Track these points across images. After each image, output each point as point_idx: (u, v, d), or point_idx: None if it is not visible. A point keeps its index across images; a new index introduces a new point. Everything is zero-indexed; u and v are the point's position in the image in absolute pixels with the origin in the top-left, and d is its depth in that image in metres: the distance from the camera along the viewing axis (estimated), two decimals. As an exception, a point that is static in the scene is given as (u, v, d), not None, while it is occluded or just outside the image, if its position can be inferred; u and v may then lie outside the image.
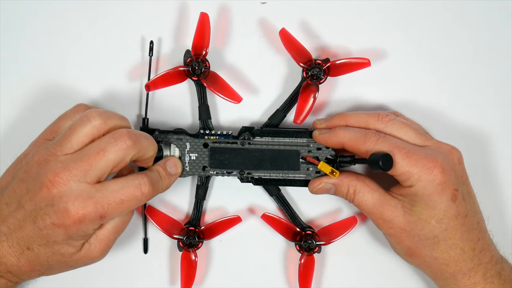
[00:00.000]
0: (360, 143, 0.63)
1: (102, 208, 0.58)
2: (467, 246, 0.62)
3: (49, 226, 0.58)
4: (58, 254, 0.60)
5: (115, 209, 0.58)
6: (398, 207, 0.63)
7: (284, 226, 0.68)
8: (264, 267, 0.71)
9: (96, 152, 0.58)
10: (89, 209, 0.58)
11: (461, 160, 0.63)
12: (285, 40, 0.67)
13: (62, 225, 0.58)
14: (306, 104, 0.67)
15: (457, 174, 0.62)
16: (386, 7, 0.70)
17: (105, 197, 0.58)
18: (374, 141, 0.62)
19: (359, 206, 0.65)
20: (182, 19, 0.69)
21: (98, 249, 0.62)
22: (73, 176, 0.58)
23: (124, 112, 0.68)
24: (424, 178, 0.61)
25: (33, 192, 0.58)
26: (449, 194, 0.61)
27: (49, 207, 0.58)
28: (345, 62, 0.67)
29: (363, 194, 0.64)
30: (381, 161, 0.59)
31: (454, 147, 0.64)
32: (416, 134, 0.64)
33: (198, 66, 0.66)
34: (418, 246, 0.62)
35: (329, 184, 0.65)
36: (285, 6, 0.70)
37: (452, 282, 0.63)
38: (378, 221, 0.64)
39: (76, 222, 0.58)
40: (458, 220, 0.62)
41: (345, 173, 0.65)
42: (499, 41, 0.70)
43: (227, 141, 0.67)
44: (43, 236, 0.59)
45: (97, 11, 0.70)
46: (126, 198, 0.59)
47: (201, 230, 0.68)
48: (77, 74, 0.70)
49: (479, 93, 0.70)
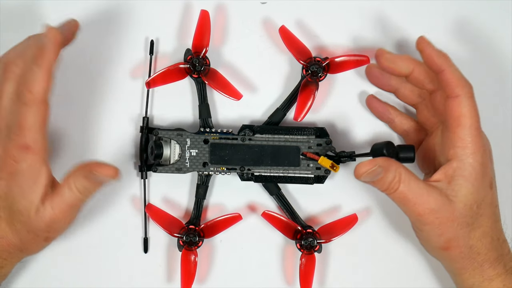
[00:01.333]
0: (461, 84, 0.60)
1: (17, 141, 0.57)
2: (495, 235, 0.62)
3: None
4: (18, 214, 0.59)
5: (24, 135, 0.57)
6: (443, 195, 0.60)
7: (285, 224, 0.68)
8: (264, 266, 0.70)
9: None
10: (10, 147, 0.58)
11: (492, 152, 0.64)
12: (284, 37, 0.68)
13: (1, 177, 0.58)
14: (306, 101, 0.68)
15: (493, 164, 0.63)
16: (386, 6, 0.71)
17: (12, 132, 0.58)
18: (470, 92, 0.60)
19: (403, 196, 0.59)
20: (184, 18, 0.70)
21: (50, 216, 0.59)
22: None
23: (125, 111, 0.69)
24: (475, 157, 0.59)
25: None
26: (488, 180, 0.61)
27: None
28: (345, 59, 0.68)
29: (409, 183, 0.59)
30: (385, 149, 0.59)
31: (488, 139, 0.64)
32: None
33: (199, 63, 0.66)
34: (458, 236, 0.61)
35: (380, 168, 0.58)
36: (285, 6, 0.70)
37: (478, 273, 0.62)
38: (424, 211, 0.59)
39: (13, 164, 0.57)
40: (491, 208, 0.62)
41: (391, 159, 0.60)
42: (499, 40, 0.71)
43: (228, 137, 0.67)
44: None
45: (98, 11, 0.70)
46: (21, 120, 0.57)
47: (201, 229, 0.68)
48: (78, 73, 0.70)
49: (479, 92, 0.71)
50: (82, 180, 0.59)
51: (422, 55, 0.62)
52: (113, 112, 0.70)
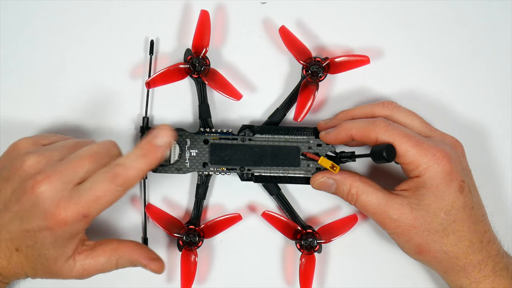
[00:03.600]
0: (370, 130, 0.62)
1: (83, 208, 0.56)
2: (475, 238, 0.62)
3: (35, 228, 0.57)
4: (44, 258, 0.59)
5: (94, 206, 0.57)
6: (404, 204, 0.62)
7: (285, 224, 0.68)
8: (264, 266, 0.70)
9: (87, 158, 0.58)
10: (70, 211, 0.56)
11: (464, 153, 0.64)
12: (284, 37, 0.68)
13: (48, 227, 0.57)
14: (306, 102, 0.68)
15: (463, 166, 0.62)
16: (385, 6, 0.71)
17: (81, 198, 0.56)
18: (384, 127, 0.61)
19: (363, 207, 0.63)
20: (184, 18, 0.70)
21: (78, 272, 0.60)
22: (60, 177, 0.57)
23: (125, 111, 0.69)
24: (433, 168, 0.60)
25: (19, 193, 0.58)
26: (456, 185, 0.61)
27: (34, 207, 0.57)
28: (345, 59, 0.68)
29: (367, 195, 0.63)
30: (385, 151, 0.59)
31: (457, 140, 0.64)
32: (422, 122, 0.64)
33: (199, 63, 0.66)
34: (428, 242, 0.62)
35: (331, 180, 0.64)
36: (285, 6, 0.70)
37: (462, 276, 0.62)
38: (384, 221, 0.63)
39: (61, 224, 0.57)
40: (466, 211, 0.61)
41: (348, 172, 0.65)
42: (499, 39, 0.71)
43: (228, 138, 0.67)
44: (31, 237, 0.58)
45: (98, 11, 0.70)
46: (101, 193, 0.56)
47: (201, 229, 0.68)
48: (78, 73, 0.70)
49: (480, 91, 0.71)
50: (126, 264, 0.61)
51: (330, 144, 0.66)
52: (113, 112, 0.70)
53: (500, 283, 0.62)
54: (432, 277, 0.70)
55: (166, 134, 0.57)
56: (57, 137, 0.64)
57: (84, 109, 0.69)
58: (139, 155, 0.57)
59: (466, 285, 0.62)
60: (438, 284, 0.70)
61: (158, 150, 0.57)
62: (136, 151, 0.57)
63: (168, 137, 0.57)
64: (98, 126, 0.69)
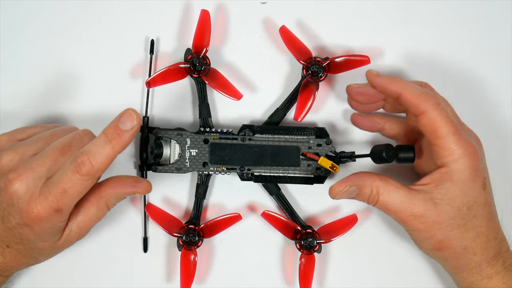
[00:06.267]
0: (422, 100, 0.60)
1: (52, 202, 0.56)
2: (491, 234, 0.62)
3: (16, 226, 0.57)
4: (37, 249, 0.60)
5: (64, 200, 0.56)
6: (427, 200, 0.61)
7: (285, 224, 0.68)
8: (264, 266, 0.70)
9: (59, 150, 0.58)
10: (41, 207, 0.56)
11: (483, 151, 0.64)
12: (285, 37, 0.68)
13: (26, 224, 0.57)
14: (306, 102, 0.68)
15: (484, 164, 0.63)
16: (385, 6, 0.71)
17: (50, 192, 0.56)
18: (435, 103, 0.60)
19: (385, 206, 0.61)
20: (184, 18, 0.70)
21: (77, 234, 0.61)
22: (32, 173, 0.57)
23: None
24: (463, 161, 0.60)
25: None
26: (481, 181, 0.61)
27: (10, 206, 0.57)
28: (345, 59, 0.68)
29: (388, 194, 0.61)
30: (385, 152, 0.59)
31: (478, 137, 0.64)
32: (453, 113, 0.64)
33: (199, 63, 0.66)
34: (449, 238, 0.61)
35: (353, 187, 0.61)
36: (285, 6, 0.70)
37: (476, 272, 0.62)
38: (407, 219, 0.61)
39: (36, 221, 0.57)
40: (486, 208, 0.61)
41: (366, 173, 0.62)
42: (499, 39, 0.71)
43: (228, 137, 0.67)
44: (15, 235, 0.58)
45: (99, 11, 0.70)
46: (67, 185, 0.56)
47: (201, 228, 0.68)
48: (78, 73, 0.70)
49: (480, 91, 0.71)
50: (116, 201, 0.61)
51: (376, 88, 0.62)
52: (113, 112, 0.69)
53: (510, 278, 0.62)
54: (433, 276, 0.70)
55: (131, 117, 0.56)
56: (35, 128, 0.64)
57: (84, 109, 0.69)
58: (104, 141, 0.56)
59: (478, 281, 0.62)
60: (439, 284, 0.70)
61: (124, 134, 0.56)
62: (101, 137, 0.56)
63: (133, 121, 0.56)
64: (98, 125, 0.68)
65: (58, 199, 0.56)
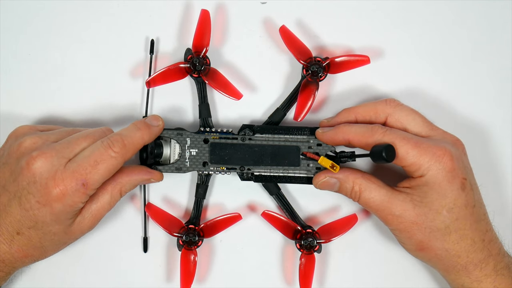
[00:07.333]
0: (368, 136, 0.62)
1: (81, 175, 0.58)
2: (476, 236, 0.62)
3: (34, 206, 0.58)
4: (50, 234, 0.60)
5: (92, 172, 0.58)
6: (407, 201, 0.62)
7: (285, 224, 0.68)
8: (264, 266, 0.70)
9: (83, 137, 0.60)
10: (68, 180, 0.58)
11: (465, 151, 0.64)
12: (285, 37, 0.68)
13: (46, 203, 0.58)
14: (306, 101, 0.68)
15: (464, 164, 0.62)
16: (385, 6, 0.71)
17: (79, 165, 0.58)
18: (381, 133, 0.61)
19: (366, 204, 0.63)
20: (184, 18, 0.70)
21: (90, 222, 0.62)
22: (56, 153, 0.58)
23: (125, 110, 0.69)
24: (434, 167, 0.60)
25: (16, 172, 0.59)
26: (458, 182, 0.61)
27: (31, 184, 0.58)
28: (345, 59, 0.68)
29: (370, 192, 0.63)
30: (384, 152, 0.59)
31: (458, 138, 0.64)
32: (423, 121, 0.64)
33: (199, 63, 0.66)
34: (430, 239, 0.62)
35: (334, 179, 0.64)
36: (285, 6, 0.70)
37: (463, 274, 0.62)
38: (387, 218, 0.63)
39: (60, 196, 0.58)
40: (468, 209, 0.61)
41: (350, 170, 0.65)
42: (499, 39, 0.71)
43: (228, 137, 0.67)
44: (31, 217, 0.58)
45: (99, 11, 0.70)
46: (99, 158, 0.59)
47: (201, 228, 0.68)
48: (78, 73, 0.70)
49: (479, 91, 0.71)
50: (130, 188, 0.63)
51: (327, 144, 0.66)
52: (113, 112, 0.70)
53: (501, 282, 0.62)
54: (433, 277, 0.70)
55: (156, 118, 0.64)
56: (54, 126, 0.65)
57: (84, 109, 0.70)
58: (134, 128, 0.62)
59: (468, 284, 0.62)
60: (439, 284, 0.70)
61: (152, 127, 0.63)
62: (131, 126, 0.62)
63: (159, 120, 0.64)
64: (98, 125, 0.69)
65: (87, 172, 0.58)
